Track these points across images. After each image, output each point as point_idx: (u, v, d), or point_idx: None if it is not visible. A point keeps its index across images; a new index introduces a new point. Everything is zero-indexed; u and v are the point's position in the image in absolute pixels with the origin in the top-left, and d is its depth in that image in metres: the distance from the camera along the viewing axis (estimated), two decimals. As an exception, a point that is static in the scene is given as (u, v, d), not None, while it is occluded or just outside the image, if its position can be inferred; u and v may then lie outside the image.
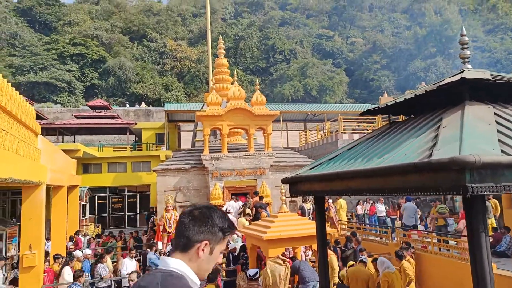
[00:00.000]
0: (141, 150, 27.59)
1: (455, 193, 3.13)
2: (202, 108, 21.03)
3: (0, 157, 5.30)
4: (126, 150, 26.74)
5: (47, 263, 9.37)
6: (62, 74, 48.51)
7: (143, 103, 48.56)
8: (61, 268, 8.97)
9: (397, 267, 8.31)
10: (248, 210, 13.96)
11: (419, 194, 3.62)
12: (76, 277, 7.59)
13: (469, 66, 4.84)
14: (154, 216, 17.70)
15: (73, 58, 52.05)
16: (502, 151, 3.12)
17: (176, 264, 1.56)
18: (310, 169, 5.94)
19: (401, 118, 8.93)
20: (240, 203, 14.72)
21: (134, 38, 63.05)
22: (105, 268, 9.42)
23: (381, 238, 12.41)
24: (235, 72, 19.23)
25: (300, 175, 5.88)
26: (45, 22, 60.24)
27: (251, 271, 7.24)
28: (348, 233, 12.43)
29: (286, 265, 7.94)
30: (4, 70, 45.30)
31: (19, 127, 7.03)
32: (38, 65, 48.69)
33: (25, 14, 59.72)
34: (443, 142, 3.50)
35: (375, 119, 23.61)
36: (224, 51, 20.23)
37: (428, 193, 3.45)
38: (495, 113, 3.99)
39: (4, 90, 6.16)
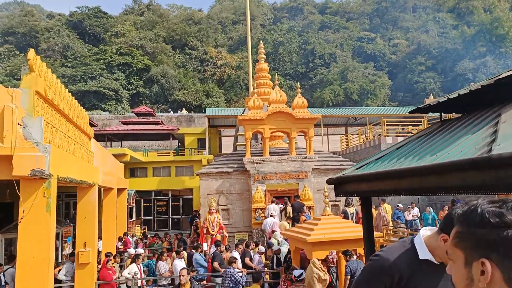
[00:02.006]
0: (184, 155, 28.24)
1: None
2: (243, 113, 21.24)
3: (60, 157, 5.62)
4: (169, 155, 27.46)
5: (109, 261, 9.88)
6: (109, 83, 50.74)
7: (184, 109, 49.76)
8: (130, 263, 9.76)
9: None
10: (289, 209, 13.93)
11: (479, 193, 3.46)
12: (230, 263, 8.71)
13: (529, 59, 4.58)
14: (197, 219, 18.03)
15: (120, 67, 54.31)
16: None
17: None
18: (357, 169, 5.83)
19: (450, 117, 8.60)
20: (281, 206, 14.72)
21: (176, 46, 64.88)
22: (164, 265, 9.80)
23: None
24: (275, 77, 19.29)
25: (346, 175, 5.78)
26: (94, 33, 63.32)
27: (297, 272, 7.19)
28: (395, 239, 12.07)
29: (324, 272, 7.83)
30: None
31: (75, 130, 7.43)
32: (88, 75, 51.21)
33: (76, 27, 63.10)
34: (504, 137, 3.34)
35: (420, 122, 22.87)
36: (264, 56, 20.35)
37: (489, 192, 3.29)
38: (560, 107, 3.76)
39: (62, 94, 6.54)
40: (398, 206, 16.86)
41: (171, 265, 10.17)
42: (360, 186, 5.53)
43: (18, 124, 4.91)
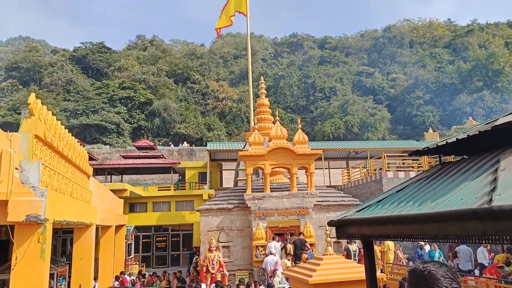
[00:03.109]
0: (185, 189, 28.08)
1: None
2: (244, 147, 21.28)
3: (57, 200, 5.57)
4: (170, 189, 27.31)
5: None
6: (111, 116, 51.19)
7: (185, 142, 49.93)
8: None
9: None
10: (289, 246, 13.67)
11: (480, 242, 3.39)
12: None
13: (525, 104, 4.60)
14: (197, 257, 17.69)
15: (122, 101, 54.97)
16: None
17: None
18: (358, 211, 5.76)
19: (449, 158, 8.58)
20: (281, 243, 14.49)
21: (179, 80, 65.92)
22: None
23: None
24: (277, 111, 19.45)
25: (347, 218, 5.70)
26: (97, 68, 64.51)
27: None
28: (399, 278, 11.78)
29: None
30: (60, 114, 48.46)
31: (73, 170, 7.41)
32: (90, 109, 51.76)
33: (80, 62, 64.38)
34: (504, 186, 3.30)
35: (421, 156, 22.82)
36: (265, 91, 20.61)
37: (490, 242, 3.23)
38: (559, 155, 3.75)
39: (62, 136, 6.56)
40: (420, 243, 15.86)
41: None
42: (361, 229, 5.45)
43: (16, 168, 4.90)
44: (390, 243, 15.80)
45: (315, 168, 17.89)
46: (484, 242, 3.39)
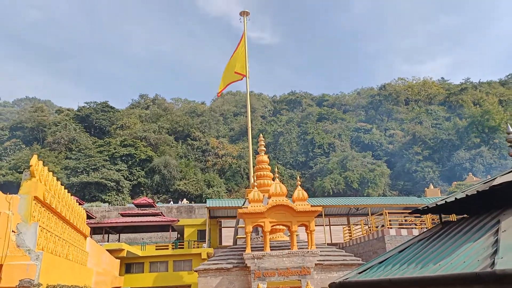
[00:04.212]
0: (183, 247, 27.38)
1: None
2: (243, 205, 21.08)
3: (52, 264, 5.45)
4: (168, 248, 26.63)
5: None
6: (111, 174, 51.20)
7: (185, 199, 49.52)
8: None
9: None
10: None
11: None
12: None
13: (521, 163, 4.67)
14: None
15: (123, 158, 55.27)
16: None
17: None
18: (359, 273, 5.63)
19: (452, 216, 8.52)
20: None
21: (179, 137, 66.77)
22: None
23: None
24: (276, 168, 19.51)
25: (349, 280, 5.55)
26: (100, 126, 65.61)
27: None
28: None
29: None
30: (60, 172, 48.53)
31: (70, 231, 7.31)
32: (91, 166, 51.90)
33: (83, 121, 65.62)
34: (506, 249, 3.27)
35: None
36: (264, 148, 20.82)
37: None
38: (558, 215, 3.74)
39: (61, 196, 6.56)
40: None
41: None
42: (364, 292, 5.29)
43: (12, 231, 4.85)
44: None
45: (316, 225, 17.62)
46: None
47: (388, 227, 22.04)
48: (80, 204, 23.94)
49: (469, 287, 3.31)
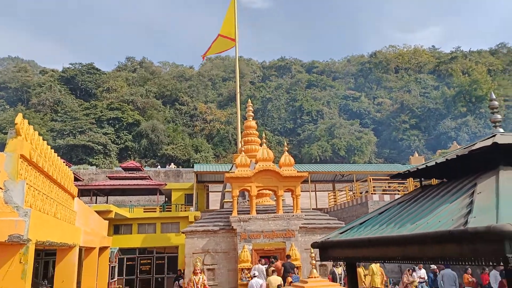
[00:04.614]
0: (171, 211, 27.76)
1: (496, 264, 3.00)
2: (231, 169, 21.30)
3: (40, 221, 5.53)
4: (155, 211, 26.97)
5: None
6: (98, 137, 50.82)
7: (172, 164, 49.68)
8: None
9: None
10: (270, 270, 13.58)
11: (459, 264, 3.48)
12: None
13: (501, 130, 4.79)
14: (182, 279, 17.41)
15: (110, 122, 54.73)
16: (542, 219, 3.02)
17: None
18: (341, 233, 5.83)
19: (434, 181, 8.76)
20: (266, 266, 14.40)
21: (167, 102, 66.09)
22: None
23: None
24: (263, 134, 19.61)
25: (330, 240, 5.76)
26: (86, 89, 64.41)
27: None
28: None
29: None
30: (46, 134, 47.95)
31: (58, 191, 7.35)
32: (77, 129, 51.37)
33: (68, 82, 64.25)
34: (479, 209, 3.43)
35: (406, 180, 23.13)
36: (252, 114, 20.81)
37: (468, 263, 3.32)
38: (532, 179, 3.90)
39: (48, 156, 6.55)
40: (432, 267, 15.51)
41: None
42: (344, 252, 5.51)
43: (0, 188, 4.88)
44: (374, 267, 15.78)
45: (302, 191, 17.97)
46: (461, 264, 3.49)
47: (371, 193, 22.62)
48: (67, 166, 23.88)
49: (443, 244, 3.47)
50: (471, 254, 3.14)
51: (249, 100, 21.91)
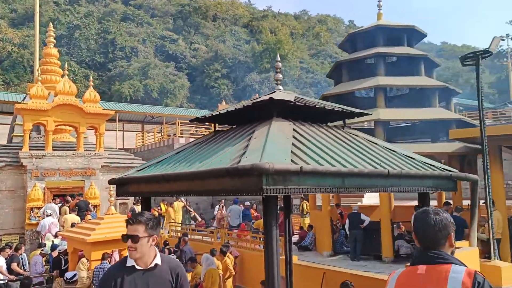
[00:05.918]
0: None
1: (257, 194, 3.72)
2: (23, 100, 18.73)
3: None
4: None
5: None
6: None
7: None
8: None
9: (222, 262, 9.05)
10: (65, 209, 13.15)
11: (233, 195, 4.17)
12: None
13: (281, 87, 5.69)
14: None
15: None
16: (291, 160, 3.87)
17: None
18: (138, 170, 6.08)
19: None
20: (60, 204, 13.76)
21: None
22: None
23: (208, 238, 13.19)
24: (67, 65, 17.75)
25: (127, 176, 5.95)
26: None
27: (69, 274, 6.96)
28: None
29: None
30: None
31: None
32: None
33: None
34: (250, 151, 4.13)
35: (211, 125, 24.75)
36: (54, 40, 18.52)
37: (240, 194, 4.03)
38: (293, 129, 4.86)
39: None
40: (246, 203, 16.14)
41: None
42: (140, 187, 5.80)
43: None
44: (176, 204, 16.83)
45: (108, 130, 17.35)
46: (236, 194, 4.19)
47: (179, 136, 23.54)
48: None
49: (220, 179, 4.08)
50: (241, 187, 3.83)
51: (51, 25, 19.27)
